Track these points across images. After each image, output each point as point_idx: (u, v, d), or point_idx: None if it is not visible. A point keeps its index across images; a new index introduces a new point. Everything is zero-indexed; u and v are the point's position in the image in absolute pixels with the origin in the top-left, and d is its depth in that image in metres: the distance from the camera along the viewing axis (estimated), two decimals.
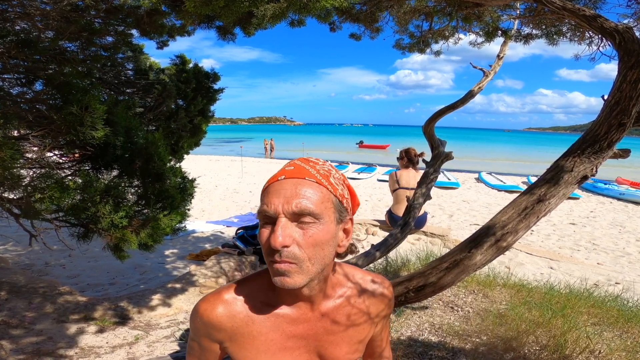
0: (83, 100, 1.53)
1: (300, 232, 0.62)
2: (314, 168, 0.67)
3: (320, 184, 0.65)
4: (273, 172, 2.78)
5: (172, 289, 3.23)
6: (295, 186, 0.63)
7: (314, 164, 0.68)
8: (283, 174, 0.66)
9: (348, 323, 0.74)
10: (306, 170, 0.66)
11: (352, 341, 0.75)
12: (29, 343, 2.27)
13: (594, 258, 5.36)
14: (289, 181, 0.64)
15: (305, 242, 0.62)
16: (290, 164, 0.69)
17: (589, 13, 1.43)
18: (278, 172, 0.67)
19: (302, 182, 0.64)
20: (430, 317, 2.48)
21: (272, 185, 0.65)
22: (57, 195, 1.50)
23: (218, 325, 0.68)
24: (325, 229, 0.63)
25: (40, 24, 2.01)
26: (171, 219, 1.96)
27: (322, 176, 0.66)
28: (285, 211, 0.61)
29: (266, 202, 0.63)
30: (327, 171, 0.68)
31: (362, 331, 0.76)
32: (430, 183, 2.86)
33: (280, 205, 0.61)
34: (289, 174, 0.65)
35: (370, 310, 0.77)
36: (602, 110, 1.39)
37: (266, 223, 0.64)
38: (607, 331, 2.15)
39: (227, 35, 2.78)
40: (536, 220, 1.44)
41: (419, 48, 3.33)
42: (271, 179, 0.67)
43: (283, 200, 0.62)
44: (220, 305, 0.69)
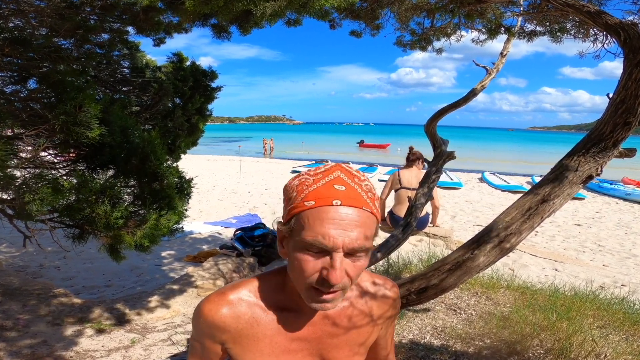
0: (77, 98, 1.53)
1: (351, 264, 0.61)
2: (362, 188, 0.62)
3: (373, 214, 0.62)
4: (272, 172, 2.77)
5: (169, 291, 3.23)
6: (354, 218, 0.59)
7: (359, 181, 0.63)
8: (337, 196, 0.59)
9: (350, 326, 0.74)
10: (360, 195, 0.61)
11: (354, 344, 0.75)
12: (23, 346, 2.27)
13: (599, 260, 5.36)
14: (345, 210, 0.59)
15: (353, 273, 0.62)
16: (337, 179, 0.62)
17: (593, 9, 1.43)
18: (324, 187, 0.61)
19: (360, 213, 0.60)
20: (432, 319, 2.48)
21: (326, 211, 0.59)
22: (50, 196, 1.50)
23: (222, 326, 0.68)
24: (366, 260, 0.63)
25: (34, 21, 2.01)
26: (168, 220, 1.96)
27: (371, 201, 0.63)
28: (345, 247, 0.58)
29: (321, 232, 0.58)
30: (372, 191, 0.64)
31: (364, 334, 0.76)
32: (432, 183, 2.86)
33: (340, 239, 0.58)
34: (345, 199, 0.59)
35: (373, 312, 0.77)
36: (607, 108, 1.39)
37: (313, 250, 0.60)
38: (613, 334, 2.15)
39: (222, 33, 2.78)
40: (540, 221, 1.44)
41: (421, 45, 3.33)
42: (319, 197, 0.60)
43: (344, 236, 0.58)
44: (225, 305, 0.68)
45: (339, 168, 0.64)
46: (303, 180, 0.64)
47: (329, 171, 0.63)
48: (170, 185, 2.01)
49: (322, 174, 0.63)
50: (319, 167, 0.66)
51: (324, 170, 0.64)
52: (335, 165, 0.65)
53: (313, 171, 0.65)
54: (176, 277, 3.79)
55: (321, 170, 0.65)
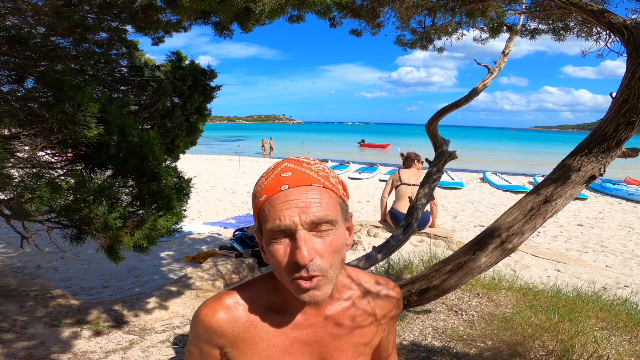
0: (75, 98, 1.53)
1: (320, 241, 0.61)
2: (311, 170, 0.65)
3: (326, 187, 0.63)
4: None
5: (168, 292, 3.23)
6: (305, 194, 0.61)
7: (308, 165, 0.66)
8: (284, 182, 0.62)
9: (353, 327, 0.74)
10: (307, 175, 0.63)
11: (357, 345, 0.75)
12: (20, 348, 2.27)
13: (602, 260, 5.36)
14: (295, 190, 0.61)
15: (326, 251, 0.61)
16: (284, 169, 0.65)
17: (596, 8, 1.43)
18: (273, 180, 0.64)
19: (310, 189, 0.62)
20: (433, 321, 2.48)
21: (277, 197, 0.61)
22: (48, 195, 1.50)
23: (219, 330, 0.68)
24: (339, 233, 0.64)
25: (31, 20, 2.01)
26: (167, 220, 1.96)
27: (323, 178, 0.64)
28: (303, 222, 0.59)
29: (276, 216, 0.60)
30: (324, 171, 0.66)
31: (368, 335, 0.76)
32: (434, 183, 2.86)
33: (296, 216, 0.59)
34: (292, 181, 0.62)
35: (376, 312, 0.77)
36: (610, 108, 1.39)
37: (278, 238, 0.61)
38: (616, 336, 2.15)
39: (224, 31, 2.78)
40: (542, 222, 1.44)
41: (422, 44, 3.33)
42: (269, 189, 0.63)
43: (298, 211, 0.59)
44: (222, 310, 0.69)
45: (287, 160, 0.67)
46: (259, 183, 0.67)
47: (276, 166, 0.67)
48: (169, 185, 2.01)
49: (271, 171, 0.66)
50: (269, 167, 0.69)
51: (272, 168, 0.67)
52: (283, 160, 0.68)
53: (265, 172, 0.68)
54: (175, 278, 3.79)
55: (271, 169, 0.67)
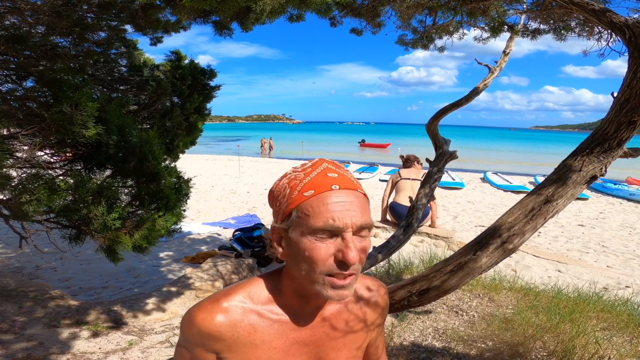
0: (74, 97, 1.53)
1: (360, 244, 0.63)
2: (350, 175, 0.67)
3: (365, 195, 0.66)
4: (272, 172, 2.79)
5: (167, 292, 3.23)
6: (354, 198, 0.63)
7: (344, 170, 0.68)
8: (334, 182, 0.63)
9: (347, 328, 0.75)
10: (352, 180, 0.66)
11: (352, 347, 0.76)
12: (19, 349, 2.27)
13: (603, 261, 5.36)
14: (345, 192, 0.63)
15: (363, 253, 0.64)
16: (327, 169, 0.66)
17: (597, 7, 1.43)
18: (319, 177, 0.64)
19: (357, 194, 0.64)
20: (434, 321, 2.48)
21: (329, 195, 0.62)
22: (46, 196, 1.50)
23: (217, 335, 0.66)
24: (370, 239, 0.66)
25: (30, 19, 2.01)
26: (166, 220, 1.96)
27: (359, 185, 0.67)
28: (353, 225, 0.61)
29: (329, 215, 0.60)
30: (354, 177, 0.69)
31: (361, 337, 0.78)
32: (434, 183, 2.86)
33: (348, 218, 0.61)
34: (342, 183, 0.63)
35: (366, 316, 0.79)
36: (611, 107, 1.39)
37: (322, 236, 0.62)
38: (617, 336, 2.15)
39: (224, 30, 2.78)
40: (543, 222, 1.44)
41: (422, 44, 3.33)
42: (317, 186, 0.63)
43: (352, 214, 0.61)
44: (220, 313, 0.66)
45: (324, 161, 0.68)
46: (293, 177, 0.66)
47: (316, 164, 0.67)
48: (169, 185, 2.01)
49: (310, 168, 0.66)
50: (305, 163, 0.69)
51: (312, 165, 0.67)
52: (319, 159, 0.68)
53: (300, 167, 0.68)
54: (174, 278, 3.78)
55: (309, 165, 0.68)
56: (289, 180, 0.66)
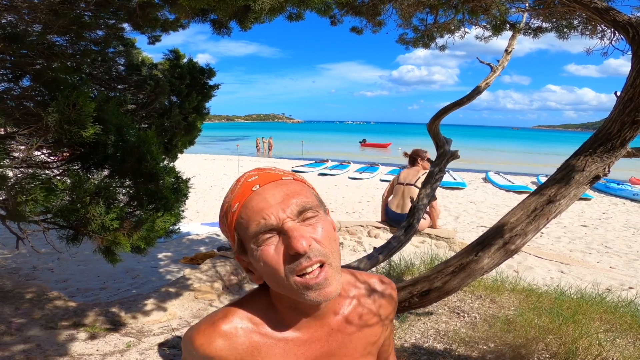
0: (72, 96, 1.53)
1: (310, 228, 0.60)
2: (276, 170, 0.65)
3: (297, 180, 0.64)
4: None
5: (166, 293, 3.23)
6: (279, 188, 0.60)
7: (270, 169, 0.66)
8: (254, 183, 0.61)
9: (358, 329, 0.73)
10: (274, 173, 0.64)
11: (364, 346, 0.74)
12: (16, 350, 2.27)
13: (606, 261, 5.36)
14: (268, 187, 0.60)
15: (321, 237, 0.60)
16: (248, 176, 0.64)
17: (600, 5, 1.43)
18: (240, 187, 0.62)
19: (283, 182, 0.62)
20: (435, 323, 2.48)
21: (251, 199, 0.60)
22: (43, 196, 1.50)
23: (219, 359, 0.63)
24: (327, 220, 0.63)
25: (27, 17, 2.01)
26: (165, 221, 1.96)
27: (290, 175, 0.65)
28: (289, 214, 0.58)
29: (258, 217, 0.58)
30: (289, 171, 0.67)
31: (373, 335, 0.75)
32: (435, 183, 2.86)
33: (279, 211, 0.58)
34: (262, 180, 0.62)
35: (380, 312, 0.77)
36: (614, 107, 1.39)
37: (265, 240, 0.59)
38: (620, 338, 2.15)
39: (222, 29, 2.78)
40: (546, 222, 1.44)
41: (424, 42, 3.33)
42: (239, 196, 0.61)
43: (278, 205, 0.58)
44: (219, 338, 0.63)
45: (247, 172, 0.67)
46: (226, 200, 0.65)
47: (240, 179, 0.65)
48: (167, 185, 2.01)
49: (235, 184, 0.65)
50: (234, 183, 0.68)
51: (237, 182, 0.65)
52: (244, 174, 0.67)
53: (230, 189, 0.67)
54: (173, 279, 3.78)
55: (234, 183, 0.66)
56: (224, 205, 0.65)
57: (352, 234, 5.17)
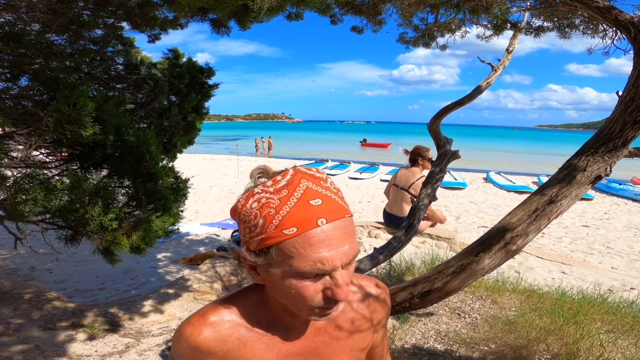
0: (71, 96, 1.53)
1: (348, 275, 0.61)
2: (334, 194, 0.60)
3: (351, 215, 0.62)
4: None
5: (165, 294, 3.23)
6: (342, 231, 0.57)
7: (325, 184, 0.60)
8: (319, 215, 0.55)
9: (347, 334, 0.74)
10: (337, 203, 0.59)
11: (351, 350, 0.75)
12: (15, 352, 2.27)
13: (608, 262, 5.36)
14: (332, 226, 0.56)
15: (350, 280, 0.62)
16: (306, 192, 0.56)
17: (602, 5, 1.43)
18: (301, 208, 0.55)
19: (345, 223, 0.58)
20: (436, 324, 2.48)
21: (315, 235, 0.55)
22: (41, 197, 1.50)
23: (207, 349, 0.66)
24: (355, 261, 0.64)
25: (26, 16, 2.01)
26: (164, 221, 1.96)
27: (343, 201, 0.61)
28: (343, 264, 0.58)
29: (319, 259, 0.55)
30: (338, 190, 0.63)
31: (361, 339, 0.77)
32: (436, 183, 2.86)
33: (337, 259, 0.56)
34: (327, 214, 0.56)
35: (372, 317, 0.78)
36: (616, 106, 1.39)
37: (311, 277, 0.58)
38: (622, 339, 2.15)
39: (222, 28, 2.78)
40: (547, 223, 1.44)
41: (424, 42, 3.33)
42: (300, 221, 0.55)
43: (339, 253, 0.57)
44: (207, 328, 0.66)
45: (302, 176, 0.58)
46: (265, 202, 0.56)
47: (293, 184, 0.57)
48: (166, 185, 2.01)
49: (287, 189, 0.56)
50: (277, 179, 0.58)
51: (287, 184, 0.57)
52: (294, 172, 0.59)
53: (272, 187, 0.57)
54: (172, 280, 3.79)
55: (283, 185, 0.57)
56: (260, 205, 0.57)
57: None
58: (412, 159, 4.66)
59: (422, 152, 4.55)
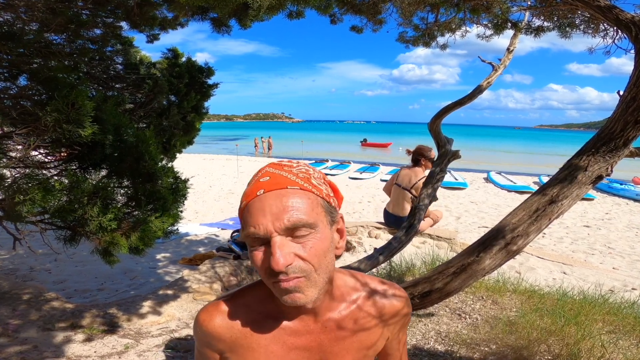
0: (70, 96, 1.53)
1: (299, 245, 0.61)
2: (291, 172, 0.65)
3: (304, 189, 0.63)
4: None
5: (164, 295, 3.23)
6: (279, 199, 0.61)
7: (289, 168, 0.66)
8: (260, 187, 0.63)
9: (354, 330, 0.74)
10: (284, 178, 0.63)
11: (358, 349, 0.75)
12: (13, 352, 2.27)
13: (609, 262, 5.36)
14: (270, 194, 0.61)
15: (308, 255, 0.61)
16: (263, 173, 0.66)
17: (603, 4, 1.43)
18: (252, 186, 0.65)
19: (285, 193, 0.61)
20: (436, 324, 2.48)
21: (253, 203, 0.62)
22: (40, 197, 1.50)
23: (217, 336, 0.71)
24: (322, 237, 0.63)
25: (24, 16, 2.01)
26: (163, 222, 1.96)
27: (303, 180, 0.64)
28: (277, 229, 0.59)
29: (252, 223, 0.61)
30: (306, 172, 0.66)
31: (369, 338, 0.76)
32: (437, 183, 2.86)
33: (269, 223, 0.59)
34: (268, 186, 0.62)
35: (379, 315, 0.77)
36: (617, 106, 1.39)
37: (256, 244, 0.62)
38: (623, 339, 2.15)
39: (222, 27, 2.78)
40: (548, 223, 1.44)
41: (424, 41, 3.33)
42: (247, 195, 0.64)
43: (271, 218, 0.60)
44: (219, 315, 0.71)
45: (269, 165, 0.68)
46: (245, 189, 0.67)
47: (259, 171, 0.68)
48: (165, 185, 2.01)
49: (254, 176, 0.67)
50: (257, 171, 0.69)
51: (257, 172, 0.68)
52: (267, 164, 0.69)
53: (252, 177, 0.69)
54: (171, 280, 3.78)
55: (255, 173, 0.68)
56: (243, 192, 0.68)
57: (353, 234, 5.17)
58: (415, 159, 4.67)
59: (424, 152, 4.57)
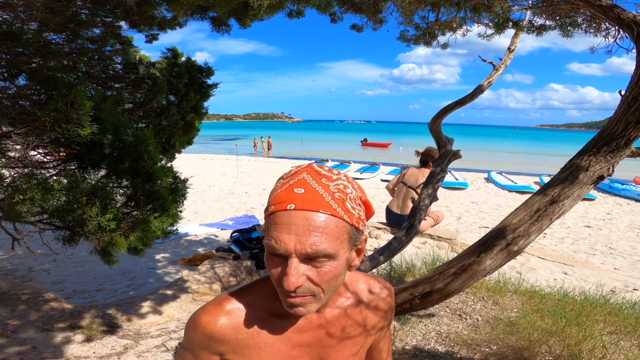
0: (69, 95, 1.53)
1: (314, 270, 0.61)
2: (327, 190, 0.61)
3: (335, 215, 0.60)
4: (270, 171, 2.78)
5: (163, 295, 3.23)
6: (307, 221, 0.58)
7: (327, 181, 0.62)
8: (292, 200, 0.59)
9: (350, 326, 0.76)
10: (319, 197, 0.60)
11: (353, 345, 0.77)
12: (12, 353, 2.27)
13: (610, 263, 5.36)
14: (299, 213, 0.58)
15: (320, 279, 0.61)
16: (299, 181, 0.62)
17: (605, 3, 1.43)
18: (285, 191, 0.61)
19: (315, 216, 0.58)
20: (437, 325, 2.48)
21: (280, 216, 0.59)
22: (39, 196, 1.50)
23: (221, 337, 0.68)
24: (339, 264, 0.62)
25: (23, 15, 2.01)
26: (162, 222, 1.96)
27: (337, 202, 0.60)
28: (297, 252, 0.58)
29: (274, 237, 0.59)
30: (343, 192, 0.62)
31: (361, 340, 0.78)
32: (437, 183, 2.86)
33: (291, 244, 0.58)
34: (300, 202, 0.59)
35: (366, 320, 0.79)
36: (619, 106, 1.39)
37: (274, 255, 0.61)
38: (625, 340, 2.15)
39: (222, 27, 2.78)
40: (549, 223, 1.44)
41: (425, 40, 3.33)
42: (278, 201, 0.61)
43: (295, 240, 0.58)
44: (223, 316, 0.68)
45: (307, 169, 0.64)
46: (278, 184, 0.65)
47: (296, 174, 0.64)
48: (165, 185, 2.01)
49: (290, 178, 0.64)
50: (293, 170, 0.66)
51: (294, 173, 0.64)
52: (306, 166, 0.65)
53: (288, 174, 0.65)
54: (170, 281, 3.79)
55: (292, 172, 0.65)
56: (276, 185, 0.65)
57: None
58: (423, 160, 4.79)
59: (433, 154, 4.65)
